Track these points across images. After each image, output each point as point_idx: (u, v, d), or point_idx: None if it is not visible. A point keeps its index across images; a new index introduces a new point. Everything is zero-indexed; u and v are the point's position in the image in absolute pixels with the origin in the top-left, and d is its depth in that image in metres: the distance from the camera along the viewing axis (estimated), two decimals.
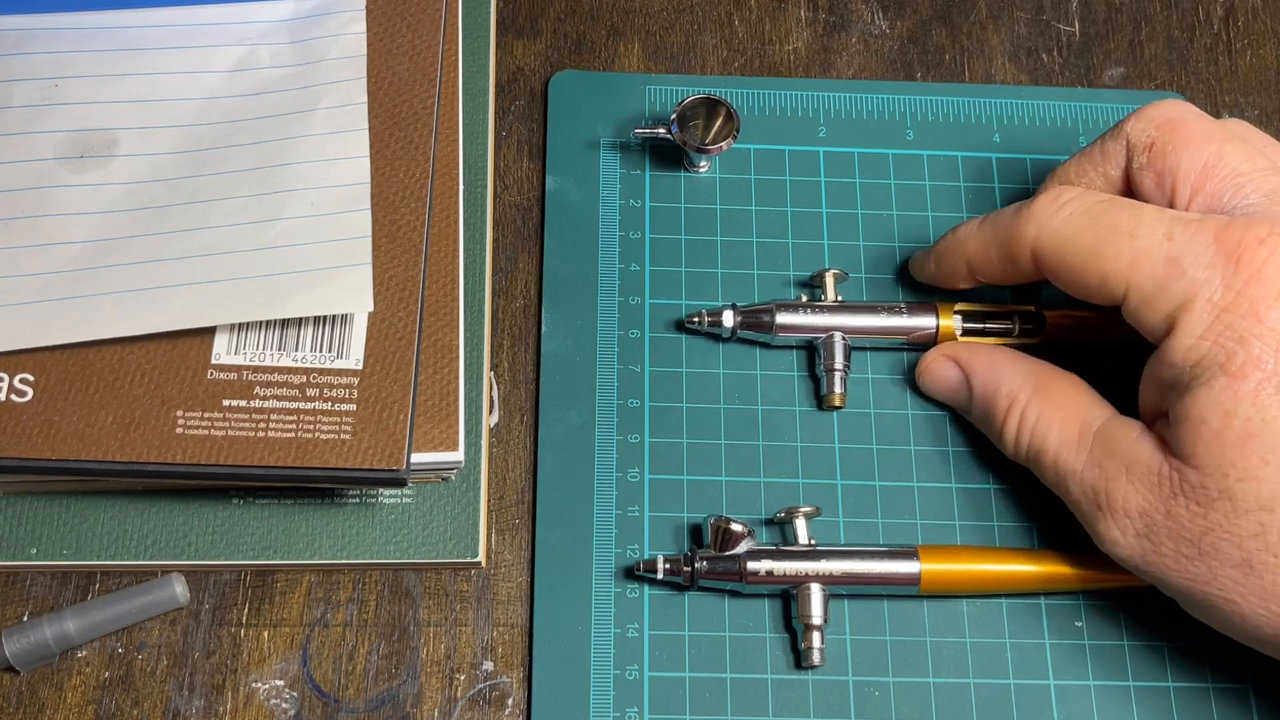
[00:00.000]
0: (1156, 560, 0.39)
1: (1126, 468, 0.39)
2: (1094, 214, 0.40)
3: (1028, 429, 0.42)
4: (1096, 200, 0.40)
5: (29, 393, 0.40)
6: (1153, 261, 0.38)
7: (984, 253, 0.43)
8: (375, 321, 0.42)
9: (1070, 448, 0.41)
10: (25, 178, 0.43)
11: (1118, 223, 0.39)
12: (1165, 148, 0.41)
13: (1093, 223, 0.40)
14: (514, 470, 0.46)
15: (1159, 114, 0.42)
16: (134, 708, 0.42)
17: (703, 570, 0.43)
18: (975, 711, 0.43)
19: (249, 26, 0.47)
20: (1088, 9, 0.55)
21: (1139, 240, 0.39)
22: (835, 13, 0.55)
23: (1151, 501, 0.38)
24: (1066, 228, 0.40)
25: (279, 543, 0.43)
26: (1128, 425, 0.40)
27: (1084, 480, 0.40)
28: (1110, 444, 0.40)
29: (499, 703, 0.43)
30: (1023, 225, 0.41)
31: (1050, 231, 0.41)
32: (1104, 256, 0.39)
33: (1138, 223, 0.39)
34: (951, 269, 0.45)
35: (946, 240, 0.46)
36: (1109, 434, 0.40)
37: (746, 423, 0.46)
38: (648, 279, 0.48)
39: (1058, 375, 0.43)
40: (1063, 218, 0.41)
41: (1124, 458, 0.39)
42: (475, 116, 0.49)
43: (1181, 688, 0.43)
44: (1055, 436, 0.42)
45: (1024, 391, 0.43)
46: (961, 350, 0.46)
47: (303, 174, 0.43)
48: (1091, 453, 0.40)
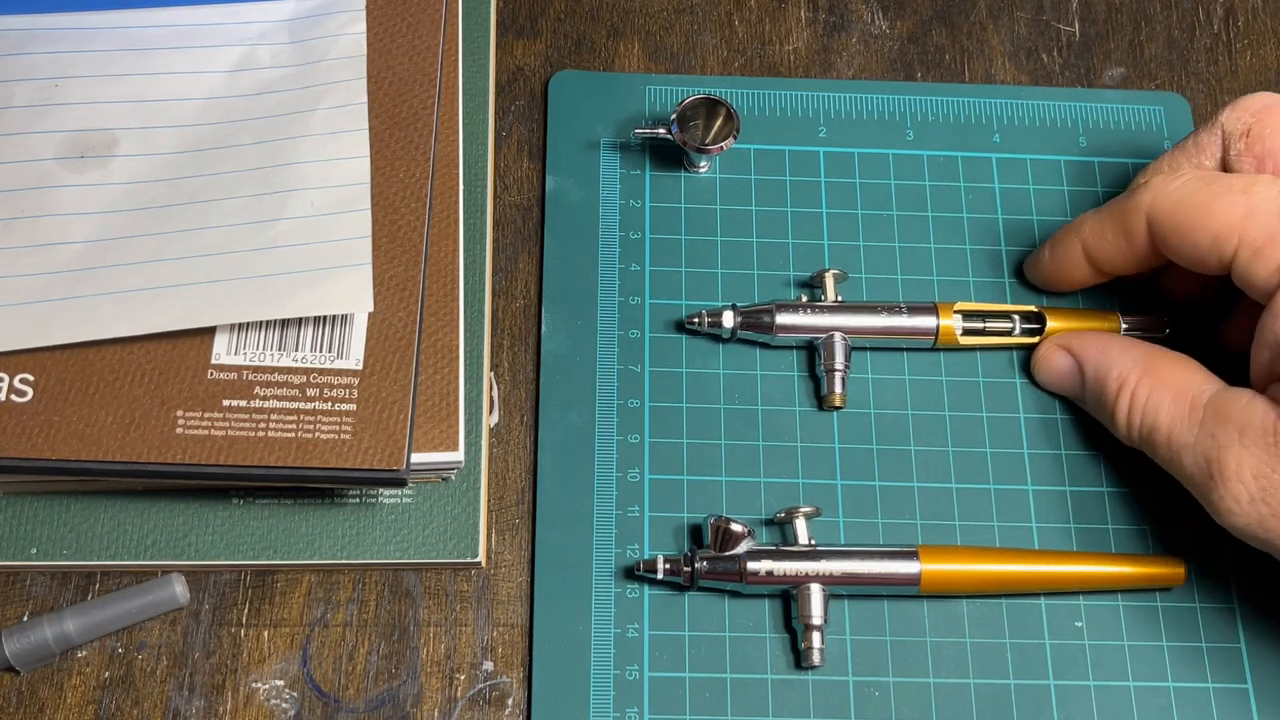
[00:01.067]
0: (1275, 524, 0.39)
1: (1239, 433, 0.39)
2: (1208, 179, 0.41)
3: (1139, 408, 0.42)
4: (1210, 172, 0.42)
5: (29, 393, 0.40)
6: (1265, 215, 0.39)
7: (1099, 231, 0.44)
8: (375, 321, 0.42)
9: (1182, 422, 0.41)
10: (25, 178, 0.43)
11: (1231, 182, 0.40)
12: (1263, 132, 0.42)
13: (1206, 185, 0.41)
14: (514, 470, 0.46)
15: (1254, 103, 0.43)
16: (134, 708, 0.42)
17: (703, 570, 0.43)
18: (975, 711, 0.43)
19: (249, 26, 0.47)
20: (1088, 9, 0.55)
21: (1253, 196, 0.40)
22: (835, 13, 0.55)
23: (1267, 463, 0.38)
24: (1181, 191, 0.41)
25: (279, 543, 0.43)
26: (1237, 393, 0.40)
27: (1196, 452, 0.40)
28: (1221, 412, 0.40)
29: (499, 703, 0.43)
30: (1138, 197, 0.42)
31: (1165, 196, 0.42)
32: (1216, 213, 0.40)
33: (1251, 182, 0.40)
34: (1067, 257, 0.46)
35: (1062, 230, 0.46)
36: (1219, 403, 0.40)
37: (746, 423, 0.46)
38: (648, 279, 0.48)
39: (1167, 355, 0.43)
40: (1177, 184, 0.42)
41: (1236, 423, 0.39)
42: (475, 116, 0.49)
43: (1181, 688, 0.43)
44: (1167, 413, 0.41)
45: (1134, 372, 0.43)
46: (1073, 339, 0.46)
47: (303, 174, 0.43)
48: (1203, 424, 0.40)
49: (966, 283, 0.49)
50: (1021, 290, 0.49)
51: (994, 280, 0.49)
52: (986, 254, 0.49)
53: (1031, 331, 0.47)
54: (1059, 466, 0.46)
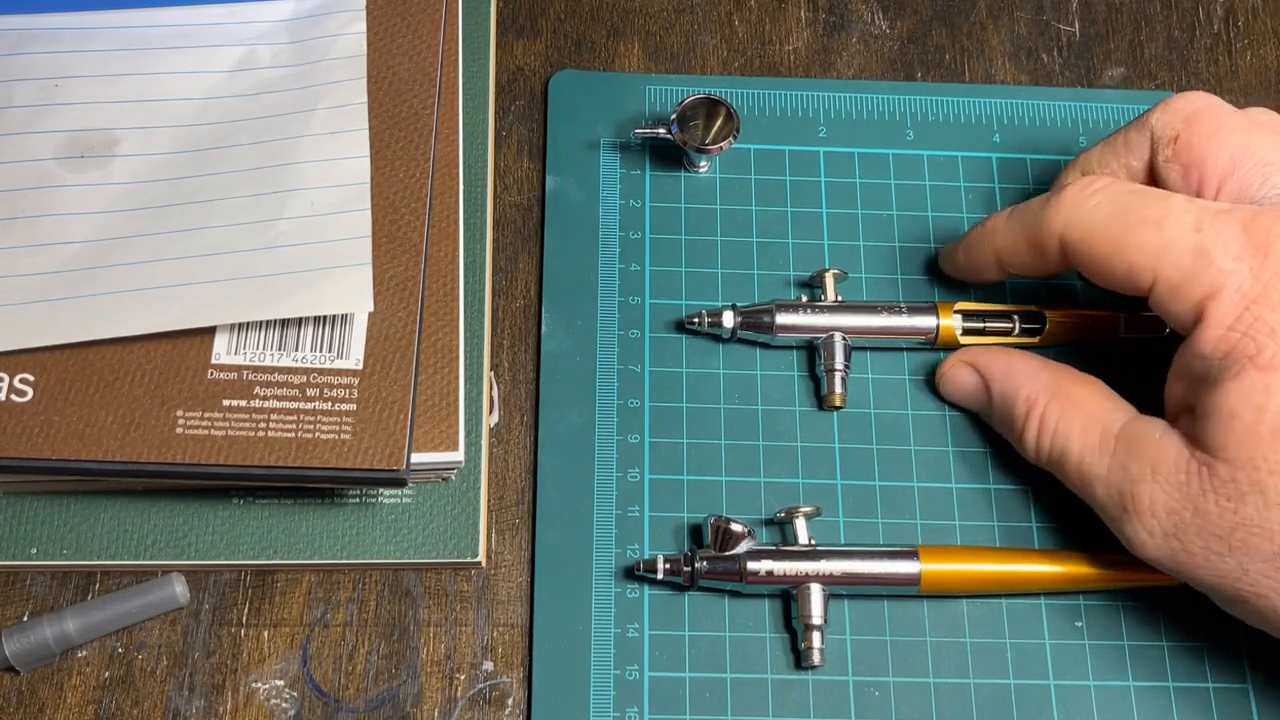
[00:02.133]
0: (1186, 559, 0.38)
1: (1151, 468, 0.39)
2: (1122, 204, 0.40)
3: (1048, 433, 0.42)
4: (1125, 190, 0.40)
5: (29, 393, 0.40)
6: (1180, 251, 0.38)
7: (1012, 243, 0.43)
8: (375, 321, 0.42)
9: (1093, 451, 0.41)
10: (25, 178, 0.43)
11: (1145, 212, 0.39)
12: (1191, 140, 0.41)
13: (1120, 212, 0.39)
14: (514, 470, 0.46)
15: (1184, 106, 0.42)
16: (134, 708, 0.42)
17: (703, 570, 0.43)
18: (975, 711, 0.43)
19: (249, 26, 0.47)
20: (1088, 9, 0.55)
21: (1166, 230, 0.38)
22: (835, 13, 0.55)
23: (1179, 500, 0.38)
24: (1094, 217, 0.40)
25: (279, 543, 0.43)
26: (1150, 424, 0.40)
27: (1109, 483, 0.40)
28: (1134, 445, 0.40)
29: (499, 703, 0.43)
30: (1051, 215, 0.41)
31: (1078, 221, 0.40)
32: (1130, 246, 0.39)
33: (1165, 212, 0.39)
34: (980, 260, 0.45)
35: (975, 232, 0.45)
36: (1132, 435, 0.40)
37: (746, 423, 0.46)
38: (648, 279, 0.48)
39: (1076, 378, 0.43)
40: (1090, 207, 0.40)
41: (1149, 458, 0.39)
42: (475, 116, 0.49)
43: (1181, 688, 0.43)
44: (1077, 440, 0.41)
45: (1043, 396, 0.43)
46: (979, 355, 0.45)
47: (303, 174, 0.43)
48: (1115, 455, 0.40)
49: (966, 283, 0.49)
50: (1022, 290, 0.49)
51: None
52: None
53: (1031, 331, 0.47)
54: None
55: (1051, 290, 0.48)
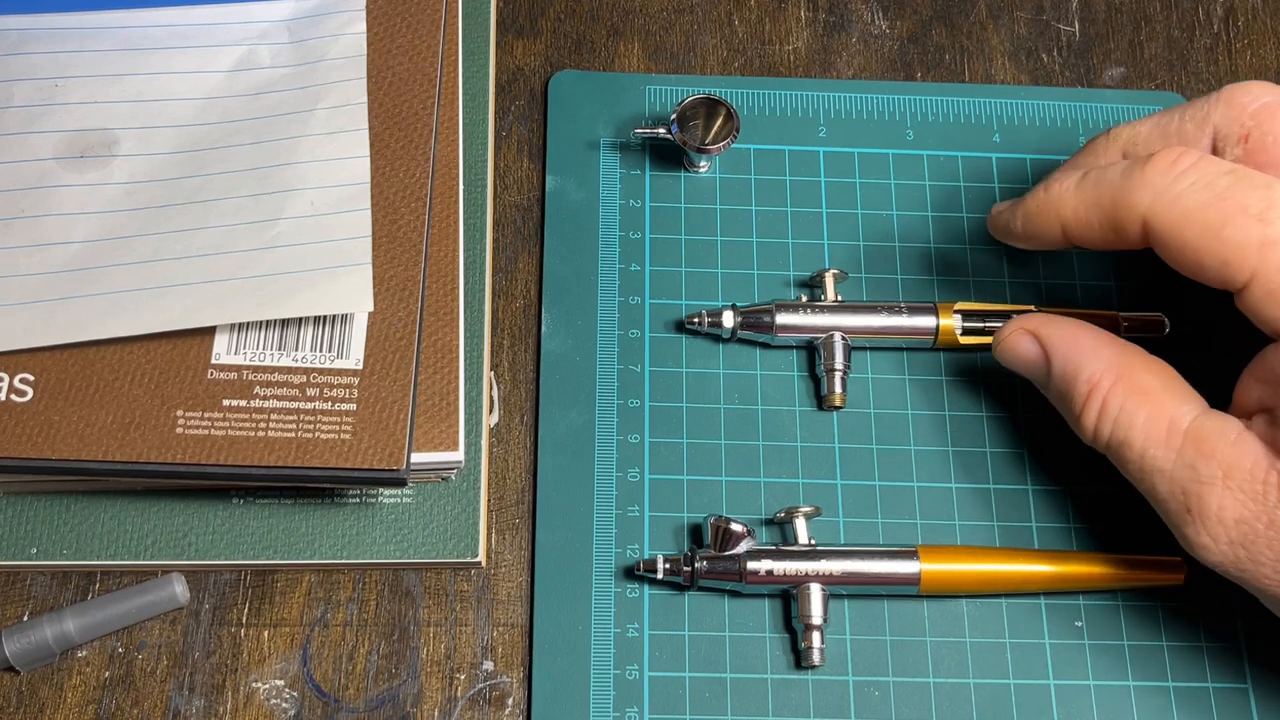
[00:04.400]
0: (1252, 569, 0.37)
1: (1224, 472, 0.36)
2: (1218, 188, 0.36)
3: (1109, 418, 0.39)
4: (1221, 171, 0.37)
5: (29, 393, 0.40)
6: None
7: (1084, 217, 0.39)
8: (375, 321, 0.42)
9: (1158, 444, 0.38)
10: (25, 178, 0.43)
11: (1247, 201, 0.36)
12: (1265, 139, 0.38)
13: (1217, 198, 0.36)
14: (514, 470, 0.46)
15: (1249, 100, 0.39)
16: (134, 708, 0.42)
17: (703, 570, 0.43)
18: (975, 711, 0.43)
19: (249, 26, 0.47)
20: (1088, 9, 0.55)
21: (1270, 226, 0.35)
22: (835, 13, 0.55)
23: (1253, 510, 0.36)
24: (1187, 200, 0.36)
25: (279, 543, 0.43)
26: (1224, 423, 0.37)
27: (1173, 481, 0.37)
28: (1204, 444, 0.37)
29: (499, 703, 0.43)
30: (1135, 191, 0.37)
31: (1168, 202, 0.37)
32: (1228, 238, 0.36)
33: (1269, 204, 0.35)
34: (1042, 231, 0.41)
35: (1037, 198, 0.41)
36: (1203, 432, 0.37)
37: (746, 423, 0.46)
38: (648, 279, 0.48)
39: (1145, 360, 0.40)
40: (1182, 188, 0.37)
41: (1221, 461, 0.37)
42: (475, 116, 0.49)
43: (1181, 688, 0.43)
44: (1141, 430, 0.38)
45: (1107, 377, 0.40)
46: (1043, 324, 0.42)
47: (303, 174, 0.43)
48: (1182, 452, 0.37)
49: (967, 283, 0.49)
50: (1022, 290, 0.49)
51: (994, 280, 0.49)
52: (986, 254, 0.49)
53: None
54: (1059, 466, 0.46)
55: (1051, 290, 0.48)
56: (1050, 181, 0.41)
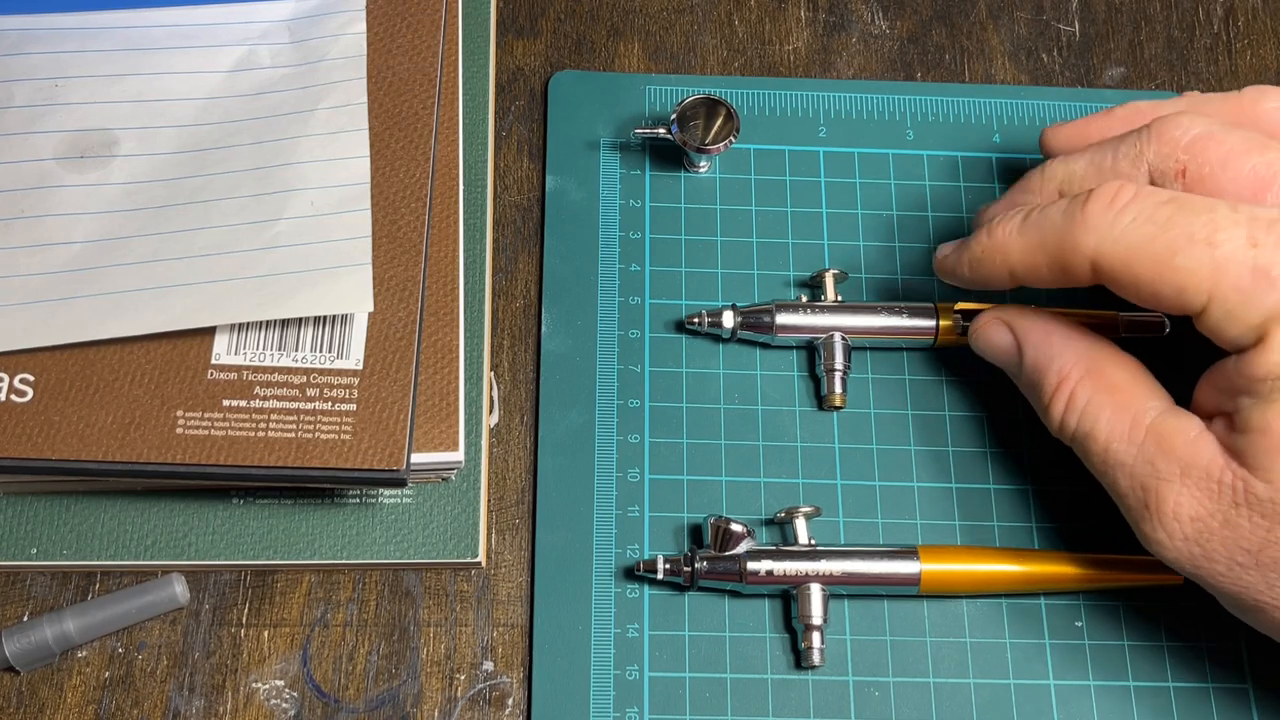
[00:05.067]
0: (1206, 565, 0.37)
1: (1181, 470, 0.37)
2: (1160, 219, 0.36)
3: (1076, 411, 0.40)
4: (1159, 201, 0.37)
5: (29, 393, 0.40)
6: (1238, 272, 0.35)
7: (1030, 260, 0.39)
8: (375, 321, 0.42)
9: (1121, 438, 0.38)
10: (25, 178, 0.43)
11: (1192, 228, 0.36)
12: (1201, 171, 0.38)
13: (1162, 230, 0.36)
14: (514, 470, 0.46)
15: (1180, 134, 0.39)
16: (134, 708, 0.42)
17: (703, 570, 0.43)
18: (975, 711, 0.43)
19: (249, 26, 0.47)
20: (1088, 9, 0.55)
21: (1219, 248, 0.35)
22: (835, 13, 0.55)
23: (1208, 508, 0.36)
24: (1131, 236, 0.36)
25: (279, 543, 0.43)
26: (1185, 421, 0.38)
27: (1133, 475, 0.38)
28: (1165, 440, 0.37)
29: (499, 703, 0.43)
30: (1079, 234, 0.37)
31: (1113, 242, 0.37)
32: (1179, 267, 0.36)
33: (1214, 227, 0.36)
34: (989, 276, 0.41)
35: (981, 243, 0.41)
36: (1164, 429, 0.38)
37: (746, 423, 0.46)
38: (648, 279, 0.48)
39: (1114, 356, 0.40)
40: (1125, 224, 0.37)
41: (1179, 458, 0.37)
42: (475, 116, 0.49)
43: (1181, 688, 0.43)
44: (1105, 424, 0.39)
45: (1076, 370, 0.40)
46: (1018, 315, 0.43)
47: (303, 174, 0.43)
48: (1143, 447, 0.38)
49: None
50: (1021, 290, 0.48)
51: None
52: None
53: None
54: (1060, 466, 0.46)
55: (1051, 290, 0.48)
56: (993, 227, 0.41)
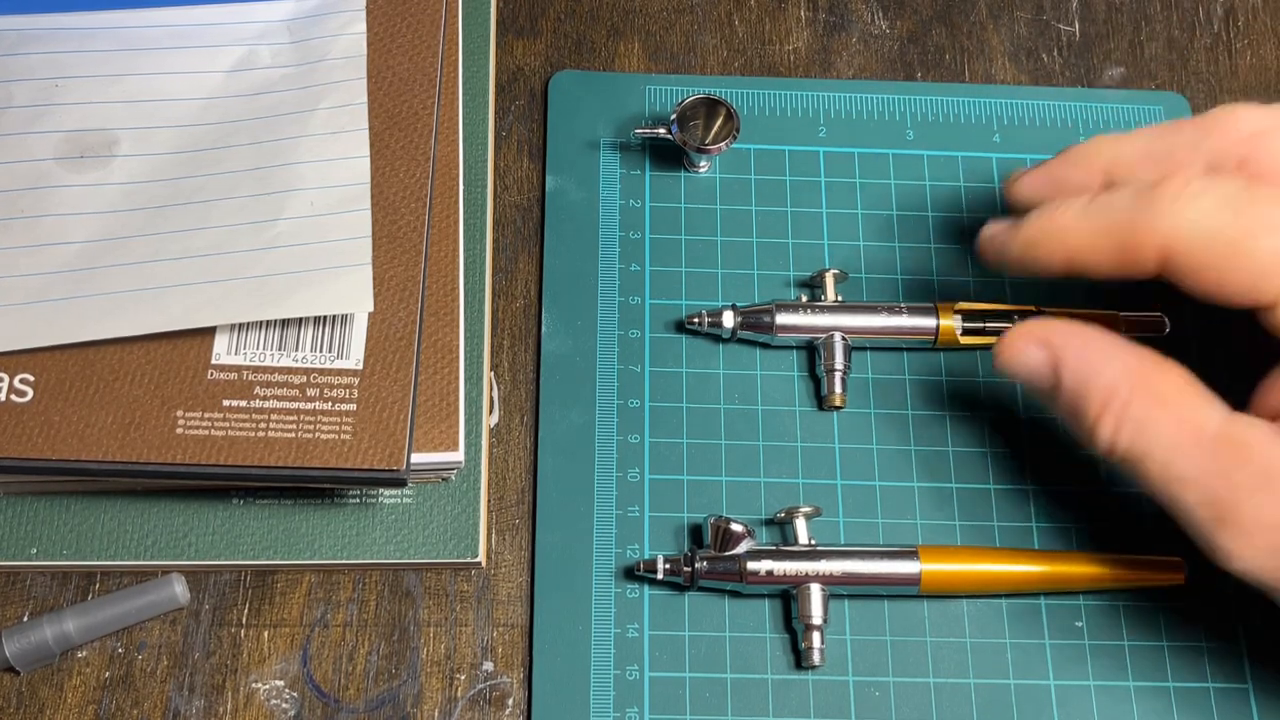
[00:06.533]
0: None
1: (1266, 478, 0.35)
2: (1237, 206, 0.36)
3: (1129, 430, 0.37)
4: (1236, 188, 0.36)
5: (29, 393, 0.40)
6: None
7: (1093, 245, 0.38)
8: (375, 321, 0.42)
9: (1185, 453, 0.36)
10: (25, 178, 0.43)
11: (1271, 218, 0.35)
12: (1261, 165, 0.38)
13: (1236, 216, 0.35)
14: (514, 470, 0.46)
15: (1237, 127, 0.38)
16: (134, 708, 0.42)
17: (703, 570, 0.43)
18: (975, 711, 0.43)
19: (249, 26, 0.47)
20: (1088, 9, 0.55)
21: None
22: (835, 13, 0.55)
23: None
24: (1206, 222, 0.36)
25: (279, 543, 0.43)
26: (1255, 427, 0.36)
27: (1203, 488, 0.36)
28: (1239, 449, 0.36)
29: (499, 703, 0.43)
30: (1151, 219, 0.36)
31: (1188, 226, 0.36)
32: (1255, 254, 0.35)
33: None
34: (1044, 261, 0.40)
35: (1039, 225, 0.40)
36: (1235, 437, 0.36)
37: (746, 423, 0.46)
38: (648, 279, 0.48)
39: (1161, 365, 0.38)
40: (1199, 210, 0.36)
41: (1260, 466, 0.35)
42: (475, 116, 0.49)
43: (1181, 688, 0.43)
44: (1166, 440, 0.36)
45: (1124, 386, 0.37)
46: (1053, 331, 0.40)
47: (302, 174, 0.43)
48: (1216, 458, 0.36)
49: (967, 282, 0.49)
50: (1021, 290, 0.49)
51: (994, 280, 0.49)
52: None
53: None
54: (1060, 466, 0.46)
55: (1051, 290, 0.48)
56: (1052, 210, 0.39)
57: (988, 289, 0.48)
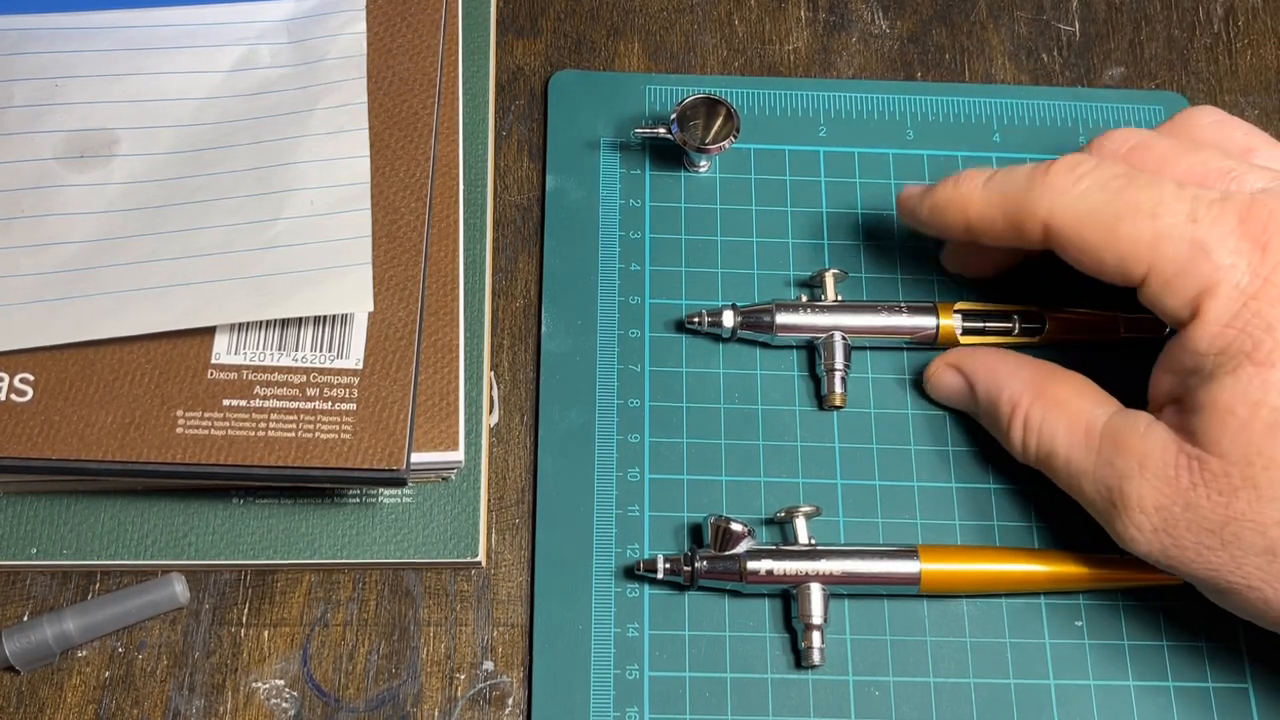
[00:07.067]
0: (1178, 553, 0.38)
1: (1139, 463, 0.38)
2: (1112, 189, 0.39)
3: (1034, 433, 0.42)
4: (1114, 174, 0.39)
5: (29, 393, 0.40)
6: (1175, 244, 0.37)
7: (988, 215, 0.42)
8: (375, 321, 0.42)
9: (1079, 448, 0.40)
10: (25, 177, 0.43)
11: (1138, 200, 0.38)
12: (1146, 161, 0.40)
13: (1111, 199, 0.38)
14: (514, 470, 0.46)
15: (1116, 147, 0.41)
16: (134, 708, 0.42)
17: (703, 570, 0.43)
18: (975, 711, 0.43)
19: (249, 26, 0.47)
20: (1088, 9, 0.55)
21: (1160, 220, 0.38)
22: (835, 13, 0.55)
23: (1168, 495, 0.38)
24: (1083, 203, 0.39)
25: (279, 543, 0.43)
26: (1135, 418, 0.39)
27: (1096, 480, 0.40)
28: (1119, 440, 0.39)
29: (499, 703, 0.43)
30: (1037, 195, 0.40)
31: (1065, 206, 0.39)
32: (1122, 236, 0.38)
33: (1158, 200, 0.38)
34: (946, 224, 0.43)
35: (946, 191, 0.43)
36: (1116, 430, 0.40)
37: (746, 423, 0.46)
38: (648, 279, 0.48)
39: (1058, 375, 0.43)
40: (1078, 191, 0.39)
41: (1135, 453, 0.39)
42: (475, 116, 0.49)
43: (1181, 688, 0.43)
44: (1063, 438, 0.41)
45: (1025, 395, 0.42)
46: (963, 357, 0.45)
47: (302, 174, 0.43)
48: (1100, 451, 0.40)
49: (966, 282, 0.49)
50: (1021, 290, 0.49)
51: (994, 280, 0.49)
52: None
53: (1031, 331, 0.47)
54: None
55: (1052, 290, 0.48)
56: (960, 178, 0.43)
57: (988, 289, 0.48)
